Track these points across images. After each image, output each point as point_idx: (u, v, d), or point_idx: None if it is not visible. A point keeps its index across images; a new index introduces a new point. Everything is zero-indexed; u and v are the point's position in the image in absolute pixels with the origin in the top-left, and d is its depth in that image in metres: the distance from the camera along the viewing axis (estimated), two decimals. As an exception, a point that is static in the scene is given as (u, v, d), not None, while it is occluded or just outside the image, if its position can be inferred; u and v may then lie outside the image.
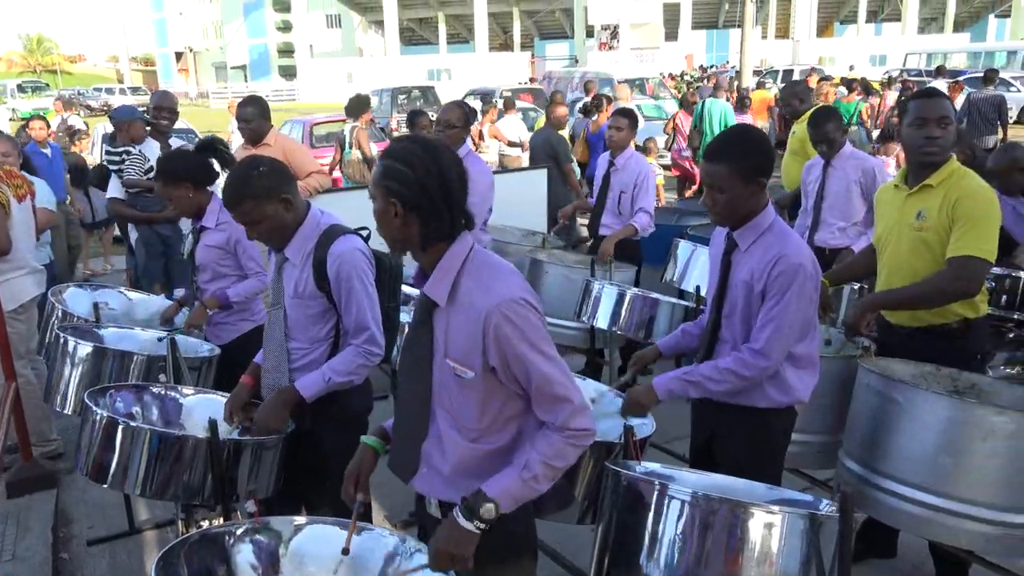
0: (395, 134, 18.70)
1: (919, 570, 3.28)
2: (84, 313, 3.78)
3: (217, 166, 3.53)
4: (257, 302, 3.60)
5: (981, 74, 17.04)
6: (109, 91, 42.76)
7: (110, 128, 11.76)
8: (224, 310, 3.50)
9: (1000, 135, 11.58)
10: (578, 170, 8.20)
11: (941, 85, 15.29)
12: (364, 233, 2.76)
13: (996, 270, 3.53)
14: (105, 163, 5.18)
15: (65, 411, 3.29)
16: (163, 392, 2.97)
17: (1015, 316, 4.49)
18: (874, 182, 4.44)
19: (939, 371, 2.87)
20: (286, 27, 59.89)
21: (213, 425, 2.43)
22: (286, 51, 60.04)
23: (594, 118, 9.68)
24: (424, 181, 1.81)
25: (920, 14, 48.48)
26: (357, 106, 9.22)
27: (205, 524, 3.13)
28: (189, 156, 3.52)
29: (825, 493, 3.21)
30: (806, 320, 2.47)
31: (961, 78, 16.58)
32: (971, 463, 2.39)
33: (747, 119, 11.74)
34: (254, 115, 4.92)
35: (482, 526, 1.80)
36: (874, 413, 2.61)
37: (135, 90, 41.25)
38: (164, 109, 5.47)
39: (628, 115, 5.17)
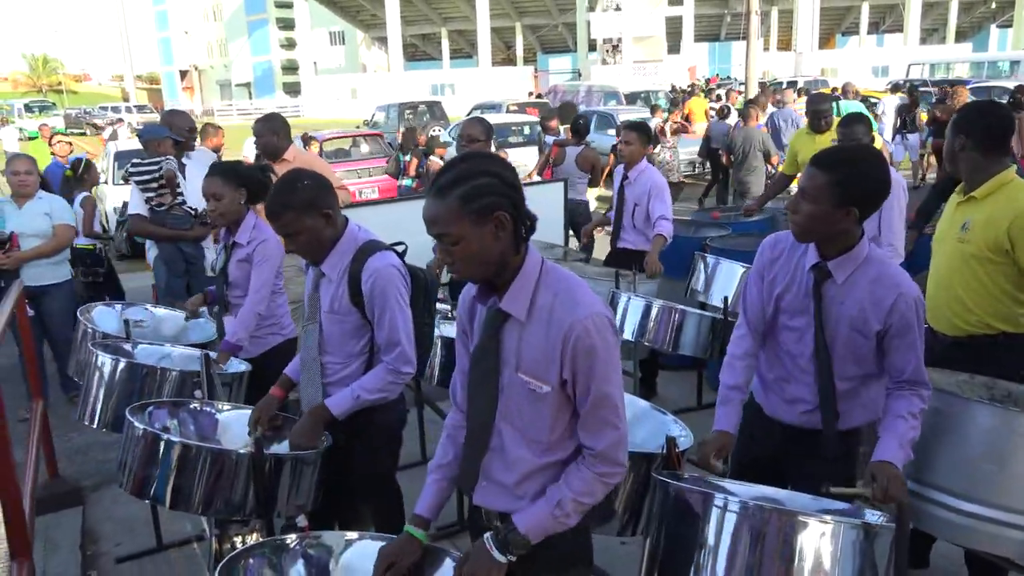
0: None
1: (954, 580, 3.26)
2: (113, 331, 3.80)
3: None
4: (287, 316, 3.61)
5: (984, 83, 17.07)
6: (115, 109, 42.97)
7: (121, 147, 11.90)
8: (237, 354, 3.47)
9: None
10: None
11: (892, 100, 15.34)
12: (400, 248, 2.78)
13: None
14: (132, 180, 5.19)
15: (95, 426, 3.29)
16: (199, 408, 2.98)
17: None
18: (896, 196, 4.39)
19: (973, 379, 2.87)
20: (290, 44, 60.31)
21: (258, 441, 2.44)
22: (290, 68, 60.44)
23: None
24: (511, 181, 1.79)
25: (922, 24, 48.60)
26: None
27: (238, 540, 3.15)
28: (252, 167, 3.56)
29: (862, 502, 3.20)
30: None
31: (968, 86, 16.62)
32: (1014, 471, 2.38)
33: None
34: (264, 132, 4.92)
35: (512, 558, 1.85)
36: (915, 422, 2.60)
37: (140, 108, 41.42)
38: (193, 129, 5.55)
39: (638, 129, 5.16)
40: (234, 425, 2.93)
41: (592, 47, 46.64)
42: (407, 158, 10.90)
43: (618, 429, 1.84)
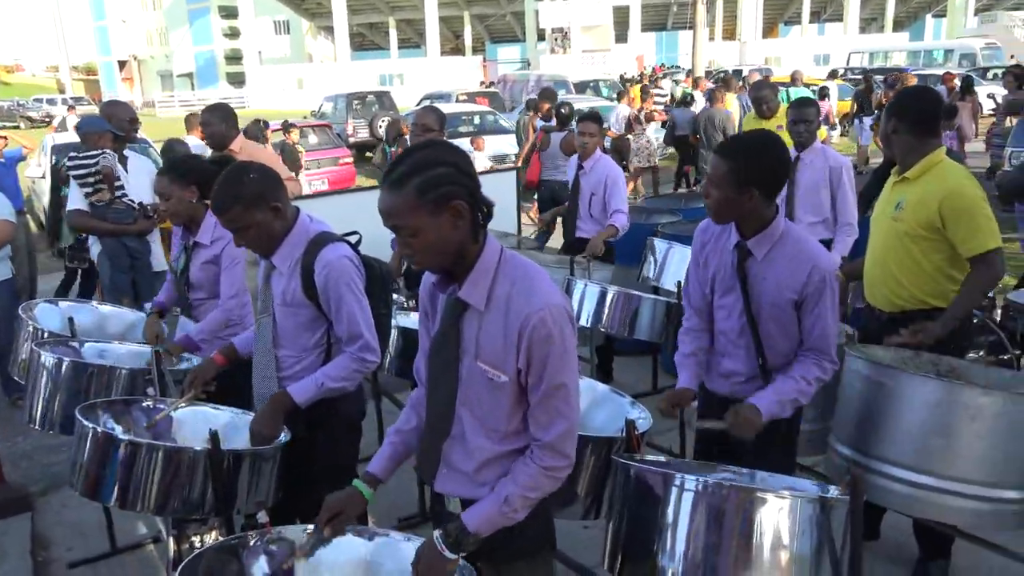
0: (351, 140, 18.58)
1: (903, 550, 3.38)
2: (57, 329, 3.69)
3: None
4: (250, 316, 3.50)
5: (921, 71, 17.62)
6: (51, 101, 41.54)
7: (58, 140, 11.50)
8: (193, 352, 3.38)
9: None
10: None
11: (832, 86, 15.87)
12: (353, 239, 2.74)
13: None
14: (69, 174, 5.02)
15: (42, 428, 3.19)
16: (152, 406, 2.91)
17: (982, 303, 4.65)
18: (840, 179, 4.55)
19: (919, 355, 2.96)
20: (233, 33, 58.97)
21: (215, 436, 2.39)
22: (234, 58, 59.12)
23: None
24: (467, 169, 1.79)
25: (861, 14, 49.78)
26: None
27: (197, 540, 3.09)
28: (205, 163, 3.44)
29: (814, 478, 3.29)
30: None
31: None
32: (960, 442, 2.47)
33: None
34: (214, 120, 4.85)
35: (463, 554, 1.86)
36: (864, 398, 2.67)
37: (78, 100, 40.04)
38: (135, 120, 5.38)
39: (596, 120, 5.23)
40: (189, 422, 2.87)
41: (541, 36, 46.66)
42: (394, 149, 10.86)
43: (568, 420, 1.84)
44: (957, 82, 14.37)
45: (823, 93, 15.13)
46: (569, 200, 5.25)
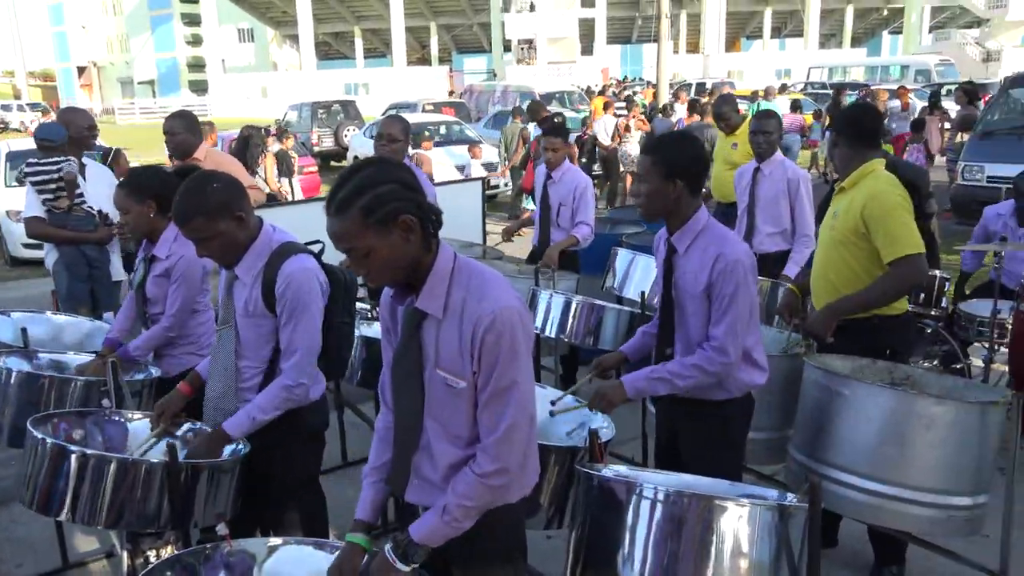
0: (316, 149, 18.44)
1: (859, 556, 3.43)
2: (9, 340, 3.59)
3: None
4: (209, 334, 3.39)
5: (878, 86, 18.08)
6: (6, 107, 40.57)
7: (13, 147, 11.24)
8: (169, 345, 3.33)
9: None
10: None
11: (784, 101, 16.27)
12: (317, 248, 2.72)
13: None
14: (28, 181, 4.90)
15: (-5, 442, 3.11)
16: (107, 417, 2.85)
17: (932, 312, 4.77)
18: (797, 191, 4.64)
19: (874, 364, 3.03)
20: (196, 41, 58.25)
21: (172, 448, 2.35)
22: (196, 65, 58.37)
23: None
24: (411, 183, 1.80)
25: (821, 30, 50.82)
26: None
27: (152, 554, 3.02)
28: (164, 175, 3.35)
29: (773, 486, 3.33)
30: (752, 312, 2.59)
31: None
32: (914, 451, 2.53)
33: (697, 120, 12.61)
34: (180, 128, 4.78)
35: (415, 565, 1.87)
36: (821, 407, 2.72)
37: (34, 106, 39.13)
38: (93, 127, 5.28)
39: (561, 133, 5.23)
40: (144, 434, 2.81)
41: (507, 47, 46.83)
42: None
43: (511, 423, 1.82)
44: (912, 96, 14.76)
45: (795, 105, 15.53)
46: (538, 212, 5.25)
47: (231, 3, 53.31)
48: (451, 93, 29.70)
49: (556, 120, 8.40)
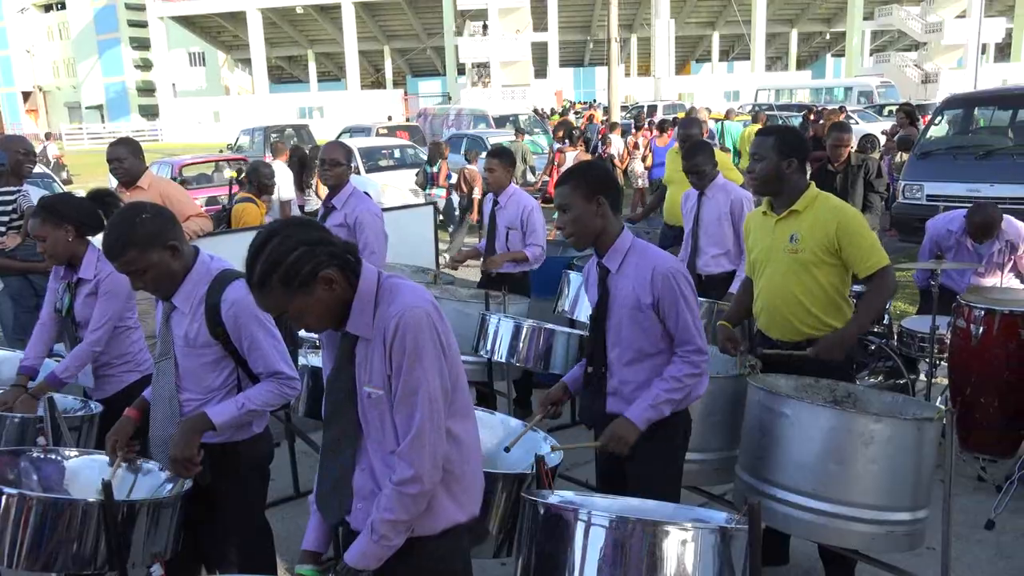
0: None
1: (810, 573, 3.47)
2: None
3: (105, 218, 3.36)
4: (143, 352, 3.41)
5: (823, 108, 18.62)
6: (-54, 134, 39.50)
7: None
8: (104, 366, 3.29)
9: None
10: None
11: (737, 125, 16.70)
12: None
13: (856, 288, 3.83)
14: None
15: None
16: (42, 456, 2.76)
17: (875, 329, 4.89)
18: (741, 212, 4.73)
19: (818, 383, 3.09)
20: (146, 65, 57.46)
21: (106, 487, 2.28)
22: (146, 90, 57.56)
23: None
24: (318, 238, 1.85)
25: (767, 53, 52.20)
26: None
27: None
28: (79, 200, 3.34)
29: (723, 507, 3.36)
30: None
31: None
32: (855, 468, 2.58)
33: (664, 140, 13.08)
34: (126, 154, 4.73)
35: None
36: (765, 427, 2.76)
37: (-24, 133, 38.17)
38: (30, 153, 5.18)
39: (499, 155, 5.15)
40: (83, 472, 2.73)
41: (461, 71, 47.12)
42: (434, 169, 11.67)
43: (419, 426, 1.85)
44: (856, 117, 15.24)
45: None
46: (486, 236, 5.25)
47: (181, 27, 52.75)
48: (408, 119, 29.72)
49: (574, 133, 9.23)
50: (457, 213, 11.21)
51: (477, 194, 10.57)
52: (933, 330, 4.28)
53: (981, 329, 4.03)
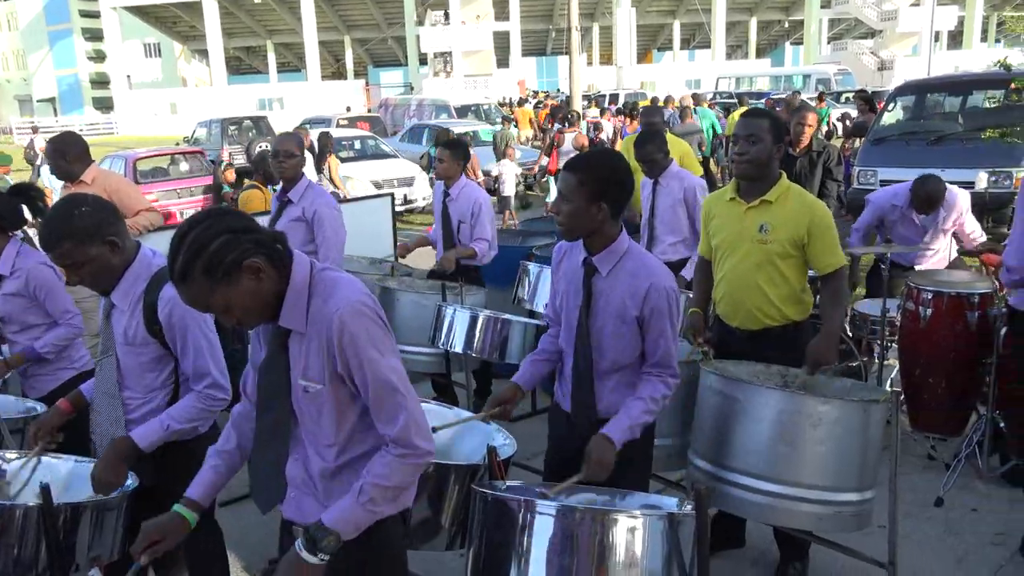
0: (225, 164, 17.92)
1: (765, 556, 3.52)
2: None
3: (28, 214, 3.27)
4: (77, 348, 3.33)
5: (782, 95, 18.84)
6: None
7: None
8: (38, 363, 3.23)
9: None
10: None
11: (709, 111, 16.89)
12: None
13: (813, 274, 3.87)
14: None
15: None
16: (-19, 459, 2.68)
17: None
18: (695, 199, 4.76)
19: (769, 368, 3.12)
20: (99, 56, 56.12)
21: (45, 490, 2.22)
22: (100, 82, 56.25)
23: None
24: (242, 226, 1.80)
25: (727, 41, 52.66)
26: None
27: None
28: None
29: (678, 492, 3.39)
30: None
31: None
32: (803, 450, 2.61)
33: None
34: (62, 152, 4.60)
35: (325, 558, 1.83)
36: (717, 412, 2.78)
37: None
38: None
39: (450, 146, 5.08)
40: (24, 474, 2.66)
41: (423, 61, 46.79)
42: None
43: (407, 410, 1.86)
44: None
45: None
46: (440, 228, 5.20)
47: (135, 17, 51.58)
48: (369, 109, 29.39)
49: (571, 115, 9.60)
50: None
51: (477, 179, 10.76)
52: (884, 312, 4.35)
53: (929, 311, 4.11)
